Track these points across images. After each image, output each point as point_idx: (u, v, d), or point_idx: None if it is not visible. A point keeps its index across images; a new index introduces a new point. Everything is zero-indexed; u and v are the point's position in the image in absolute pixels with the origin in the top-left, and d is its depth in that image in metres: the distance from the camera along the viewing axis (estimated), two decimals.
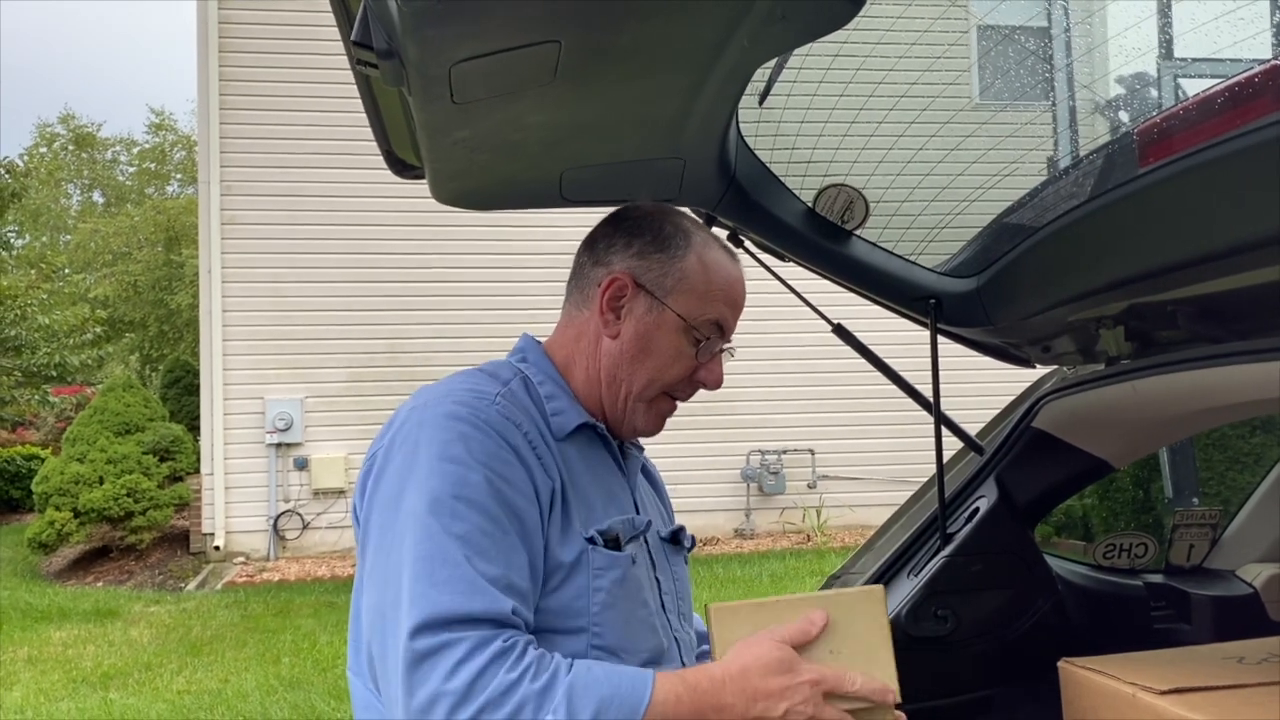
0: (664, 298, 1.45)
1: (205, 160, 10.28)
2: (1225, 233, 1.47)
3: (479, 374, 1.44)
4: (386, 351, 10.38)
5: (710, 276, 1.47)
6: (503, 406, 1.35)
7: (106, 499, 9.56)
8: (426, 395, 1.39)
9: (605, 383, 1.47)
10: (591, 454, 1.46)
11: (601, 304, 1.47)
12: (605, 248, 1.52)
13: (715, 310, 1.47)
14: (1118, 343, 1.98)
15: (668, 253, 1.47)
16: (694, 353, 1.46)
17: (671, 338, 1.45)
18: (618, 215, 1.56)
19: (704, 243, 1.50)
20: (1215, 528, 2.61)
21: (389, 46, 1.18)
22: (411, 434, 1.31)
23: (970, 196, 2.05)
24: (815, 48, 1.54)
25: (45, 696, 6.14)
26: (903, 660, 2.18)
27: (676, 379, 1.47)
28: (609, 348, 1.47)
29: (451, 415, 1.31)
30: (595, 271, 1.51)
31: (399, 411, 1.40)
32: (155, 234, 22.75)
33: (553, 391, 1.46)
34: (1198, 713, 1.73)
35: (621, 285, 1.46)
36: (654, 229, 1.49)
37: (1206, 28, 1.73)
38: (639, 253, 1.48)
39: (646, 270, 1.46)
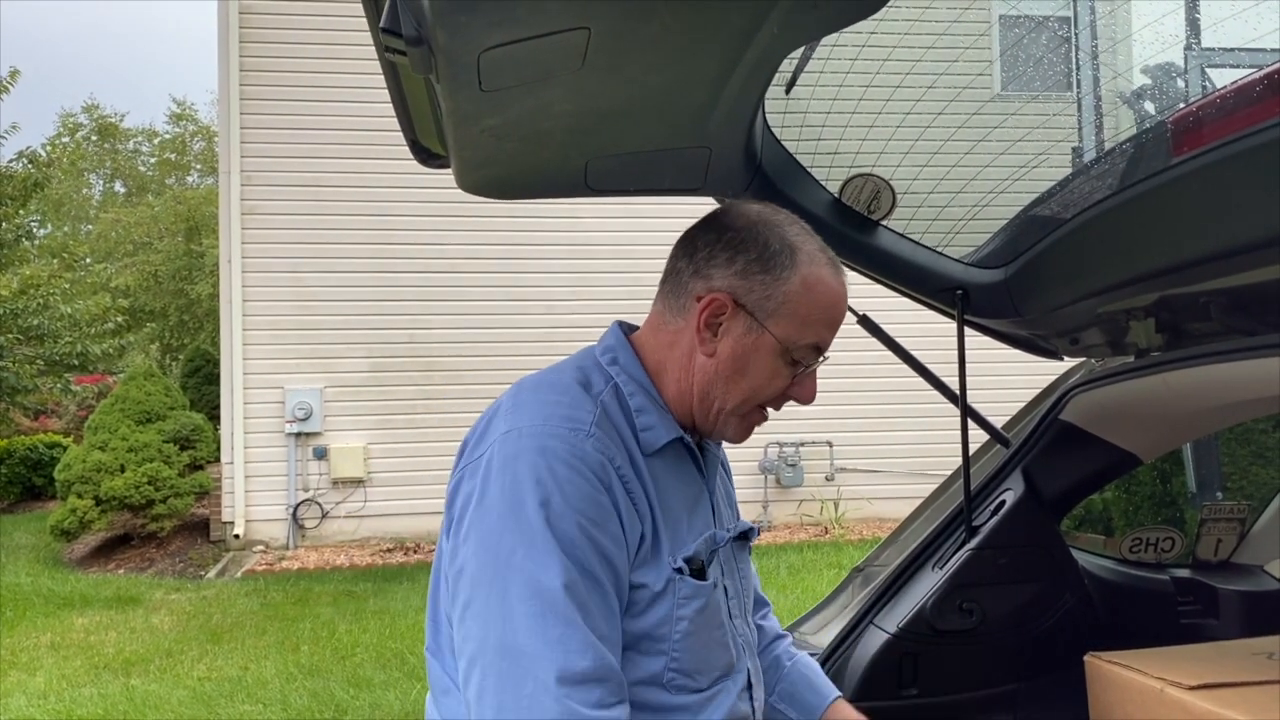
0: (764, 320, 1.38)
1: (225, 150, 10.31)
2: (1261, 223, 1.45)
3: (572, 385, 1.39)
4: (406, 341, 10.41)
5: (814, 299, 1.39)
6: (597, 439, 1.31)
7: (128, 487, 9.62)
8: (521, 416, 1.34)
9: (698, 397, 1.43)
10: (678, 466, 1.44)
11: (699, 321, 1.41)
12: (706, 259, 1.42)
13: (815, 334, 1.41)
14: (1148, 335, 1.96)
15: (772, 274, 1.38)
16: (790, 373, 1.42)
17: (769, 359, 1.40)
18: (721, 221, 1.45)
19: (810, 259, 1.40)
20: (1243, 522, 2.59)
21: (418, 34, 1.18)
22: (509, 467, 1.28)
23: (998, 187, 2.03)
24: (842, 36, 1.53)
25: (68, 682, 6.19)
26: (928, 653, 2.18)
27: (770, 397, 1.44)
28: (703, 364, 1.42)
29: (548, 452, 1.27)
30: (694, 284, 1.43)
31: (491, 426, 1.37)
32: (176, 224, 22.84)
33: (643, 404, 1.41)
34: (1228, 708, 1.71)
35: (721, 305, 1.39)
36: (760, 244, 1.40)
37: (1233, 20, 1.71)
38: (742, 271, 1.39)
39: (749, 291, 1.39)
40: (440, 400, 10.39)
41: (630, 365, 1.45)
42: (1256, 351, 1.75)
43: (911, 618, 2.17)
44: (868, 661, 2.16)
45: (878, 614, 2.23)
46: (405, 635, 6.91)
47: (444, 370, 10.44)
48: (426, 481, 10.24)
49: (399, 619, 7.35)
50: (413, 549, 9.97)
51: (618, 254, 10.46)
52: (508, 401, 1.39)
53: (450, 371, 10.43)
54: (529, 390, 1.40)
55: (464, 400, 10.35)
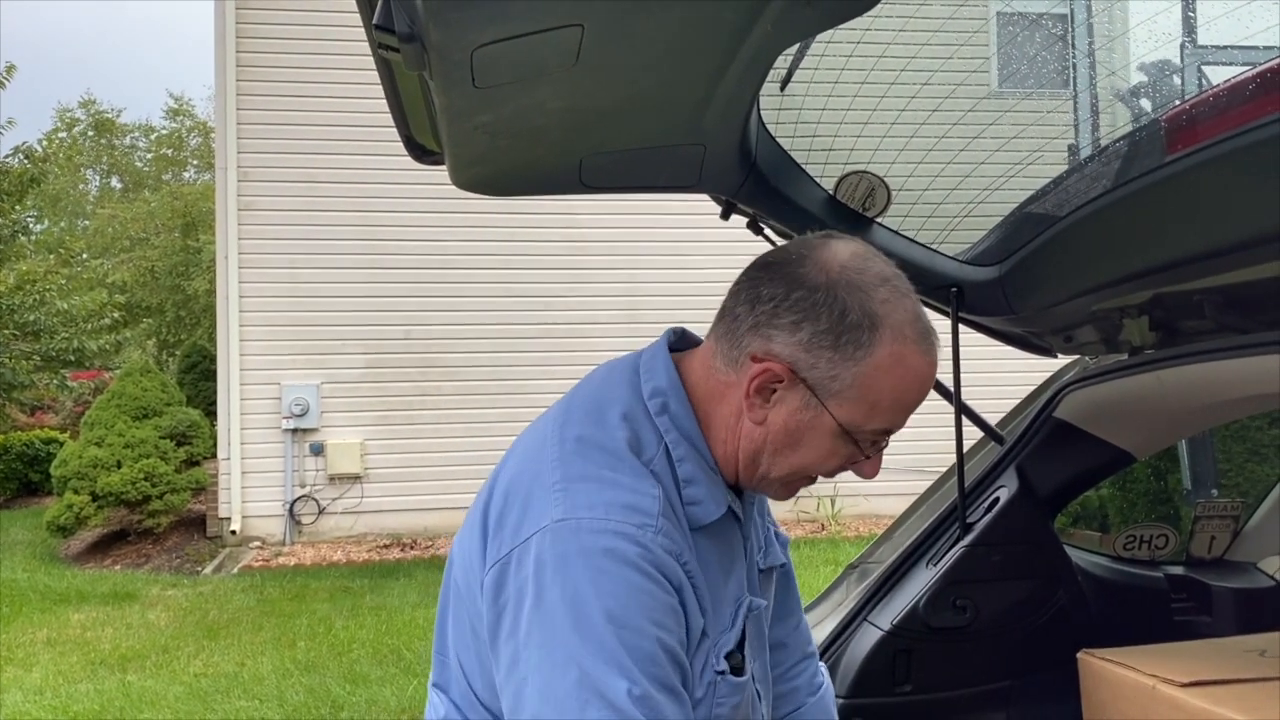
0: (825, 400, 1.20)
1: (222, 146, 10.30)
2: (1254, 221, 1.45)
3: (625, 452, 1.23)
4: (403, 338, 10.40)
5: (890, 384, 1.20)
6: (665, 535, 1.17)
7: (124, 483, 9.62)
8: (576, 500, 1.17)
9: (742, 462, 1.28)
10: (721, 534, 1.30)
11: (750, 386, 1.22)
12: (769, 315, 1.21)
13: (886, 420, 1.22)
14: (1142, 333, 1.97)
15: (843, 352, 1.18)
16: (848, 454, 1.25)
17: (825, 439, 1.23)
18: (795, 273, 1.22)
19: (895, 335, 1.18)
20: (1237, 519, 2.59)
21: (411, 30, 1.17)
22: (571, 567, 1.13)
23: (992, 185, 2.03)
24: (837, 34, 1.53)
25: (64, 678, 6.19)
26: (922, 650, 2.19)
27: (823, 471, 1.28)
28: (750, 430, 1.25)
29: (614, 555, 1.13)
30: (751, 340, 1.23)
31: (537, 501, 1.20)
32: (173, 220, 22.80)
33: (692, 473, 1.25)
34: (1220, 706, 1.72)
35: (775, 376, 1.21)
36: (835, 313, 1.18)
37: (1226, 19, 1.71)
38: (808, 343, 1.19)
39: (812, 366, 1.19)
40: (437, 396, 10.40)
41: (681, 417, 1.28)
42: (1250, 349, 1.76)
43: (905, 615, 2.18)
44: (862, 658, 2.16)
45: (872, 611, 2.24)
46: (402, 631, 6.91)
47: (441, 366, 10.44)
48: (424, 478, 10.24)
49: (396, 615, 7.35)
50: (409, 545, 9.97)
51: (615, 250, 10.47)
52: (555, 469, 1.22)
53: (447, 368, 10.43)
54: (577, 457, 1.22)
55: (461, 396, 10.36)
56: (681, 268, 10.18)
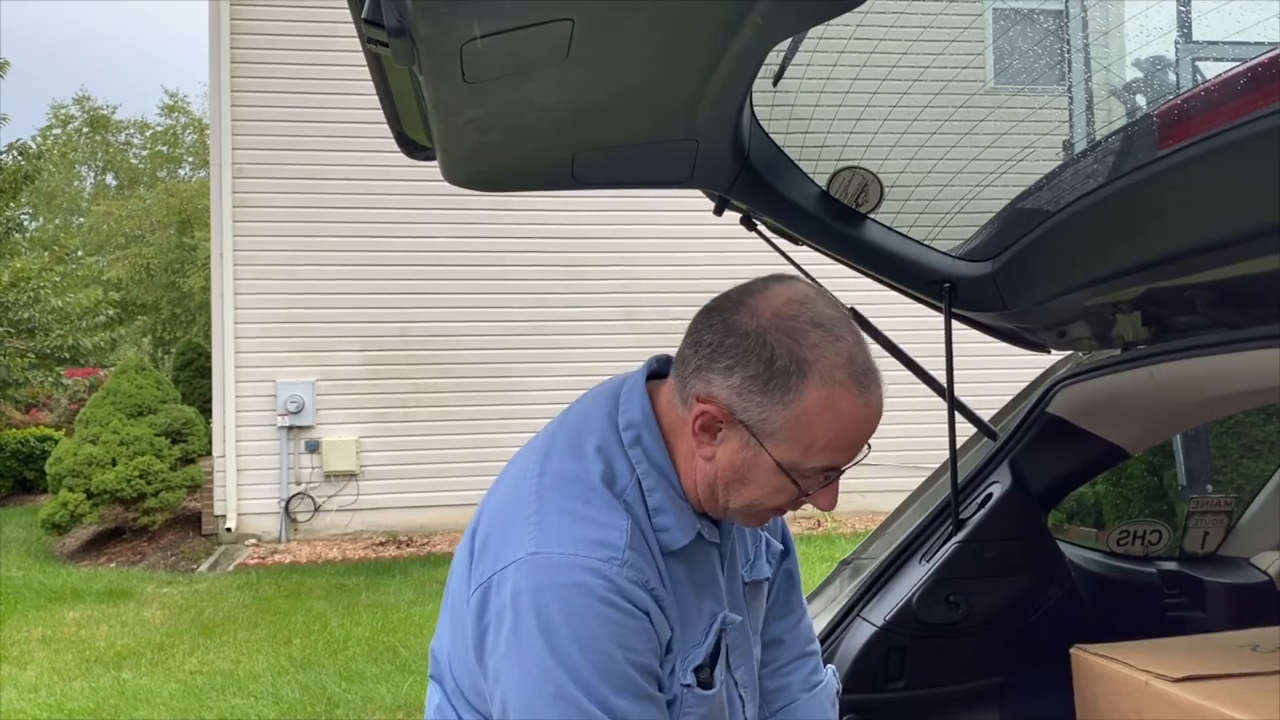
0: (763, 440, 1.25)
1: (217, 143, 10.28)
2: (1246, 216, 1.45)
3: (598, 486, 1.30)
4: (398, 335, 10.39)
5: (821, 425, 1.24)
6: (632, 566, 1.25)
7: (119, 480, 9.60)
8: (548, 536, 1.25)
9: (703, 494, 1.34)
10: (694, 555, 1.37)
11: (694, 426, 1.29)
12: (708, 359, 1.27)
13: (823, 459, 1.26)
14: (1134, 328, 1.97)
15: (771, 396, 1.23)
16: (796, 490, 1.29)
17: (770, 476, 1.28)
18: (730, 319, 1.27)
19: (824, 378, 1.22)
20: (1230, 515, 2.60)
21: (400, 24, 1.17)
22: (543, 600, 1.22)
23: (985, 180, 2.03)
24: (830, 29, 1.53)
25: (59, 676, 6.18)
26: (915, 646, 2.19)
27: (778, 505, 1.33)
28: (702, 465, 1.31)
29: (583, 589, 1.22)
30: (694, 382, 1.29)
31: (514, 534, 1.28)
32: (168, 217, 22.77)
33: (661, 502, 1.32)
34: (1211, 700, 1.72)
35: (714, 418, 1.27)
36: (764, 358, 1.23)
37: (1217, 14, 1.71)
38: (740, 387, 1.24)
39: (745, 409, 1.25)
40: (432, 394, 10.39)
41: (652, 449, 1.34)
42: (1242, 344, 1.75)
43: (899, 610, 2.18)
44: (855, 654, 2.16)
45: (865, 607, 2.24)
46: (397, 628, 6.91)
47: (436, 363, 10.43)
48: (419, 475, 10.24)
49: (391, 612, 7.35)
50: (405, 542, 9.96)
51: (610, 247, 10.46)
52: (532, 502, 1.30)
53: (442, 365, 10.42)
54: (554, 491, 1.30)
55: (456, 394, 10.36)
56: (677, 265, 10.18)
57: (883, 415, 1.30)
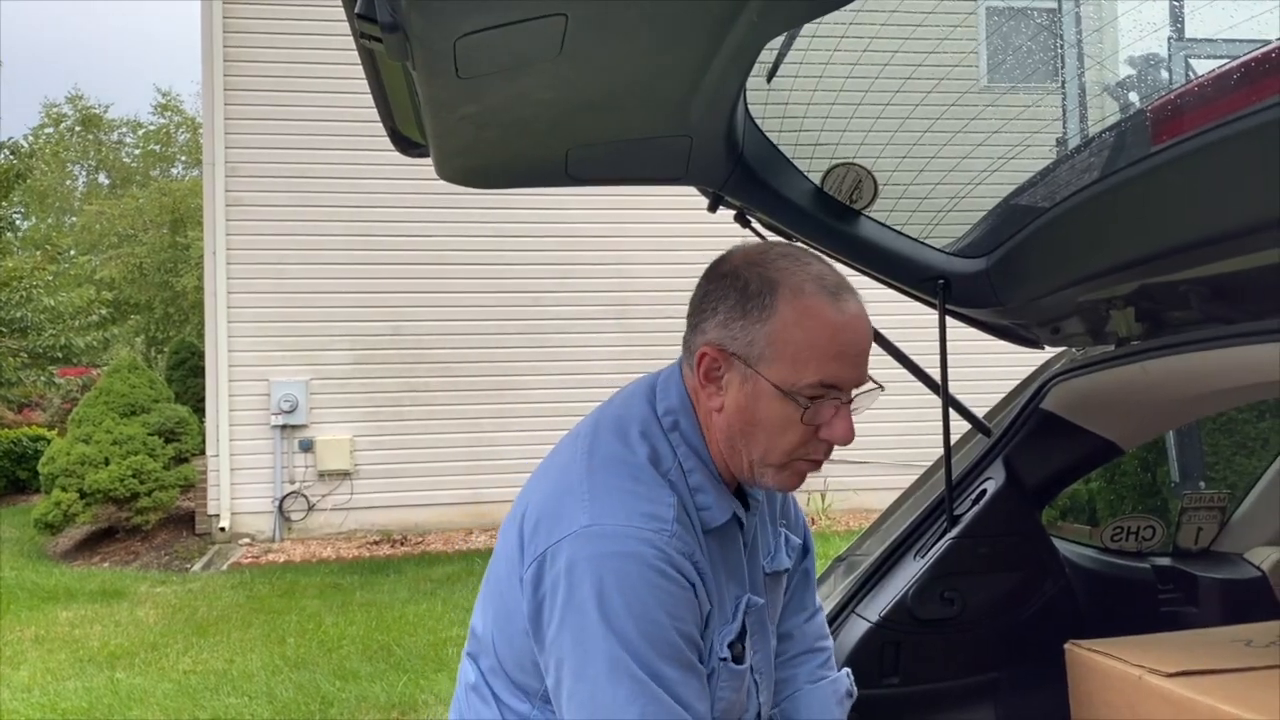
0: (755, 366, 1.33)
1: (210, 142, 10.25)
2: (1239, 212, 1.45)
3: (645, 466, 1.37)
4: (391, 334, 10.38)
5: (801, 335, 1.31)
6: (679, 539, 1.32)
7: (112, 480, 9.58)
8: (602, 510, 1.32)
9: (726, 453, 1.41)
10: (726, 537, 1.45)
11: (699, 378, 1.39)
12: (699, 312, 1.40)
13: (814, 372, 1.32)
14: (1128, 324, 1.97)
15: (750, 317, 1.33)
16: (803, 416, 1.33)
17: (774, 405, 1.33)
18: (710, 272, 1.42)
19: (794, 292, 1.32)
20: (1223, 511, 2.60)
21: (393, 19, 1.17)
22: (597, 569, 1.28)
23: (979, 176, 2.03)
24: (824, 24, 1.53)
25: (52, 675, 6.16)
26: (909, 642, 2.19)
27: (795, 444, 1.36)
28: (718, 421, 1.40)
29: (636, 557, 1.28)
30: (693, 339, 1.41)
31: (567, 510, 1.34)
32: (161, 216, 22.72)
33: (700, 481, 1.40)
34: (1205, 695, 1.72)
35: (713, 359, 1.37)
36: (739, 288, 1.35)
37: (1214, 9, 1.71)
38: (724, 319, 1.35)
39: (733, 339, 1.34)
40: (426, 392, 10.38)
41: (690, 432, 1.43)
42: (1234, 339, 1.76)
43: (893, 607, 2.18)
44: (850, 650, 2.16)
45: (859, 603, 2.24)
46: (392, 627, 6.90)
47: (430, 362, 10.42)
48: (413, 474, 10.23)
49: (386, 611, 7.34)
50: (399, 541, 9.95)
51: (604, 245, 10.45)
52: (584, 481, 1.36)
53: (436, 363, 10.41)
54: (603, 471, 1.37)
55: (450, 392, 10.35)
56: (671, 262, 10.16)
57: (869, 330, 1.39)
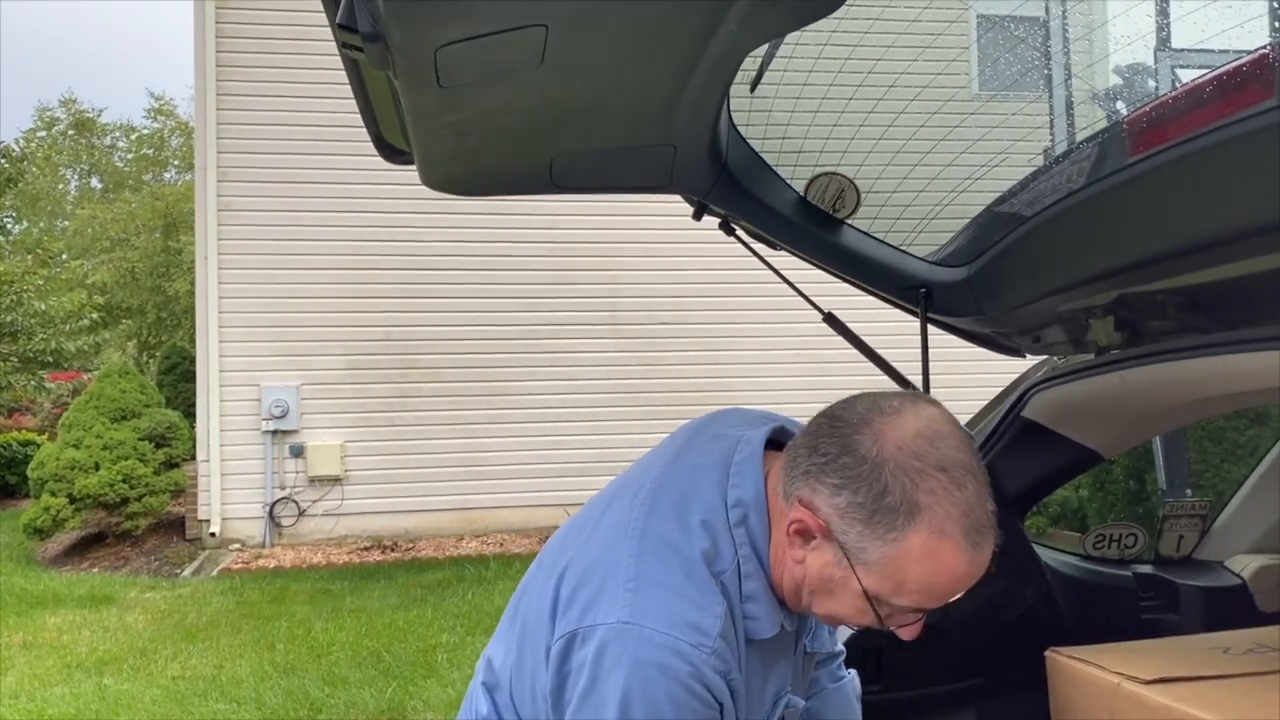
0: (855, 565, 1.22)
1: (202, 147, 10.24)
2: (1213, 222, 1.47)
3: (699, 563, 1.27)
4: (383, 339, 10.37)
5: (921, 572, 1.20)
6: (719, 656, 1.24)
7: (102, 485, 9.55)
8: (643, 608, 1.23)
9: (788, 592, 1.32)
10: (773, 644, 1.37)
11: (788, 529, 1.27)
12: (820, 468, 1.25)
13: (913, 600, 1.23)
14: (1107, 333, 1.98)
15: (874, 528, 1.19)
16: (878, 619, 1.27)
17: (856, 600, 1.25)
18: (849, 438, 1.24)
19: (934, 528, 1.18)
20: (1205, 519, 2.62)
21: (374, 29, 1.18)
22: (627, 672, 1.20)
23: (961, 186, 2.05)
24: (806, 35, 1.54)
25: (40, 681, 6.14)
26: (891, 649, 2.20)
27: (861, 624, 1.30)
28: (792, 567, 1.30)
29: (667, 672, 1.20)
30: (800, 485, 1.26)
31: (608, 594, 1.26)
32: (153, 220, 22.67)
33: (755, 591, 1.30)
34: (1182, 703, 1.73)
35: (810, 529, 1.25)
36: (876, 490, 1.19)
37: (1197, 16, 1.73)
38: (844, 509, 1.22)
39: (844, 531, 1.22)
40: (418, 398, 10.37)
41: (757, 531, 1.32)
42: (1213, 349, 1.77)
43: None
44: None
45: None
46: (381, 634, 6.89)
47: (422, 368, 10.41)
48: (404, 480, 10.22)
49: (375, 617, 7.33)
50: (390, 547, 9.93)
51: (597, 252, 10.46)
52: (631, 566, 1.27)
53: (427, 369, 10.41)
54: (654, 558, 1.27)
55: (442, 398, 10.34)
56: (663, 269, 10.19)
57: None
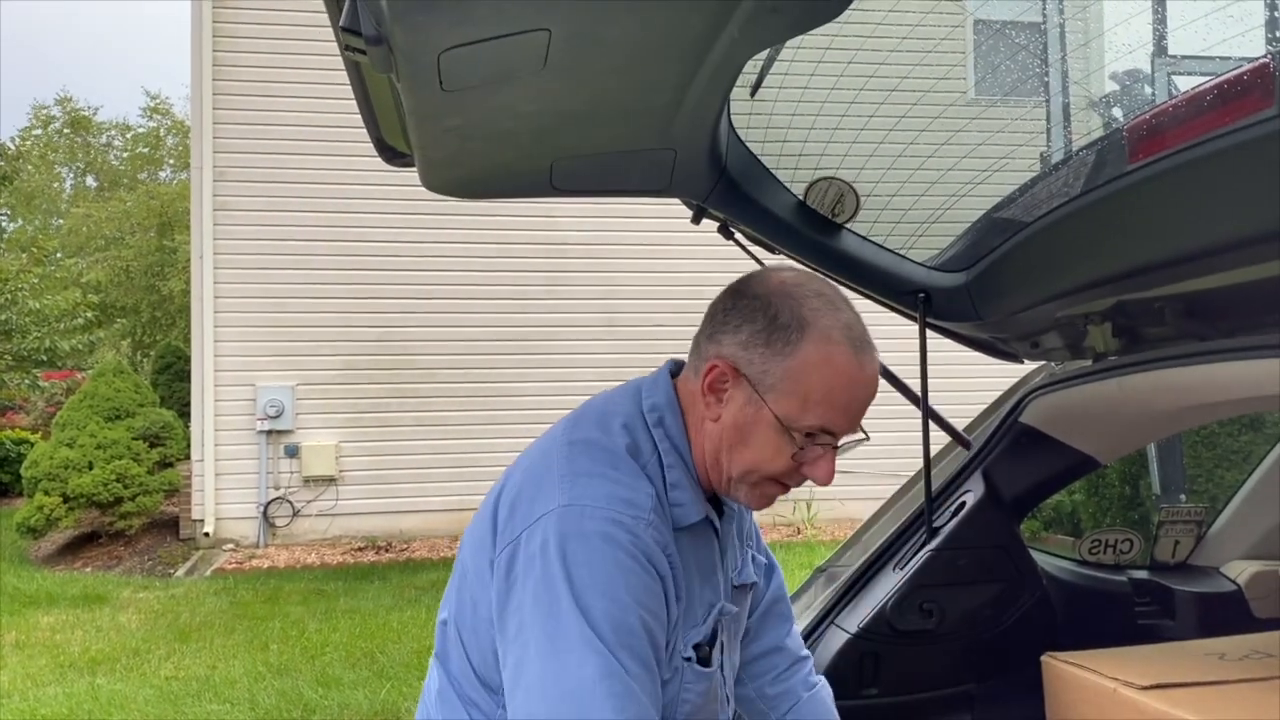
0: (763, 394, 1.34)
1: (198, 146, 10.24)
2: (1212, 230, 1.47)
3: (624, 456, 1.38)
4: (379, 340, 10.37)
5: (818, 380, 1.33)
6: (656, 528, 1.32)
7: (96, 484, 9.53)
8: (580, 491, 1.32)
9: (709, 462, 1.43)
10: (699, 539, 1.45)
11: (703, 386, 1.39)
12: (720, 324, 1.40)
13: (818, 416, 1.34)
14: (1105, 339, 1.99)
15: (774, 348, 1.33)
16: (794, 450, 1.36)
17: (770, 434, 1.36)
18: (741, 287, 1.42)
19: (822, 337, 1.33)
20: (1200, 525, 2.63)
21: (378, 33, 1.18)
22: (572, 546, 1.27)
23: (960, 191, 2.05)
24: (807, 40, 1.54)
25: (32, 681, 6.13)
26: (888, 653, 2.20)
27: (777, 472, 1.39)
28: (710, 429, 1.41)
29: (610, 540, 1.28)
30: (707, 347, 1.41)
31: (546, 491, 1.34)
32: (149, 219, 22.62)
33: (679, 479, 1.41)
34: (1178, 708, 1.74)
35: (722, 373, 1.37)
36: (768, 315, 1.35)
37: (1197, 24, 1.73)
38: (746, 341, 1.36)
39: (749, 362, 1.35)
40: (413, 399, 10.36)
41: (674, 430, 1.44)
42: (1211, 356, 1.78)
43: (872, 618, 2.19)
44: (829, 661, 2.18)
45: (839, 614, 2.25)
46: (375, 635, 6.88)
47: (417, 369, 10.41)
48: (399, 480, 10.21)
49: (370, 618, 7.32)
50: (384, 548, 9.93)
51: (592, 254, 10.47)
52: (561, 463, 1.37)
53: (423, 370, 10.40)
54: (582, 455, 1.38)
55: (437, 399, 10.34)
56: (658, 271, 10.20)
57: (878, 387, 1.40)
